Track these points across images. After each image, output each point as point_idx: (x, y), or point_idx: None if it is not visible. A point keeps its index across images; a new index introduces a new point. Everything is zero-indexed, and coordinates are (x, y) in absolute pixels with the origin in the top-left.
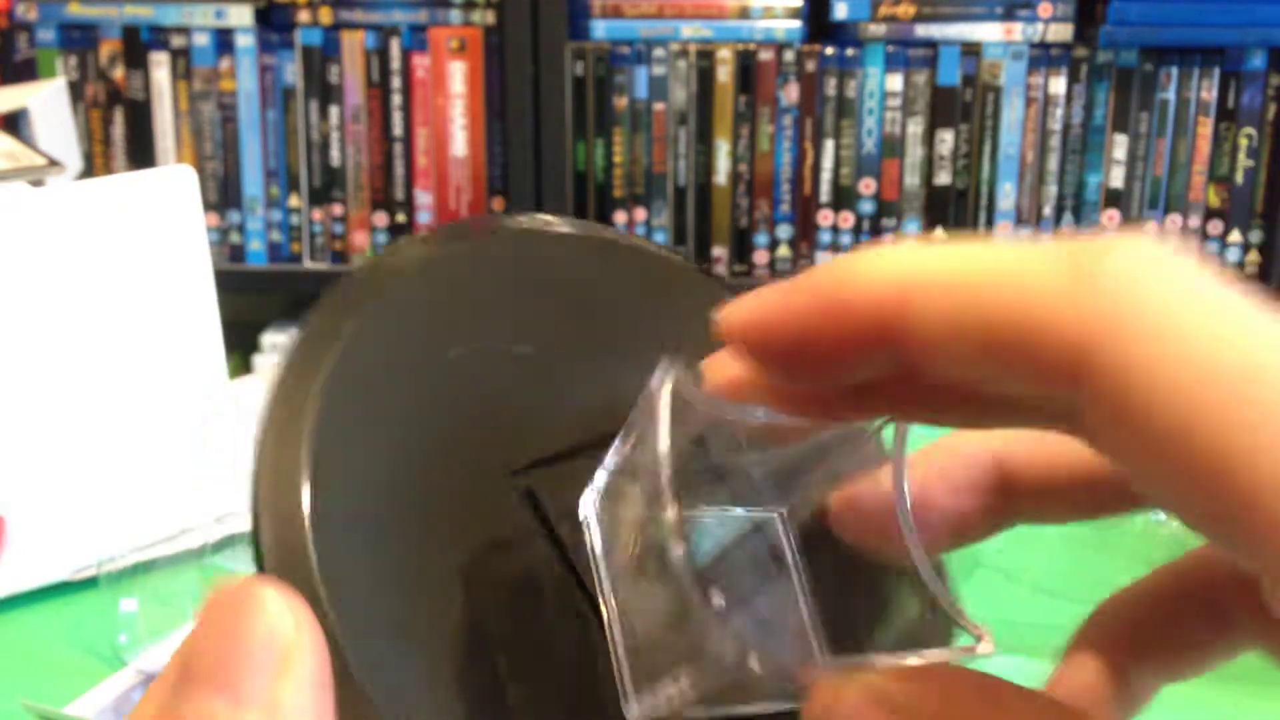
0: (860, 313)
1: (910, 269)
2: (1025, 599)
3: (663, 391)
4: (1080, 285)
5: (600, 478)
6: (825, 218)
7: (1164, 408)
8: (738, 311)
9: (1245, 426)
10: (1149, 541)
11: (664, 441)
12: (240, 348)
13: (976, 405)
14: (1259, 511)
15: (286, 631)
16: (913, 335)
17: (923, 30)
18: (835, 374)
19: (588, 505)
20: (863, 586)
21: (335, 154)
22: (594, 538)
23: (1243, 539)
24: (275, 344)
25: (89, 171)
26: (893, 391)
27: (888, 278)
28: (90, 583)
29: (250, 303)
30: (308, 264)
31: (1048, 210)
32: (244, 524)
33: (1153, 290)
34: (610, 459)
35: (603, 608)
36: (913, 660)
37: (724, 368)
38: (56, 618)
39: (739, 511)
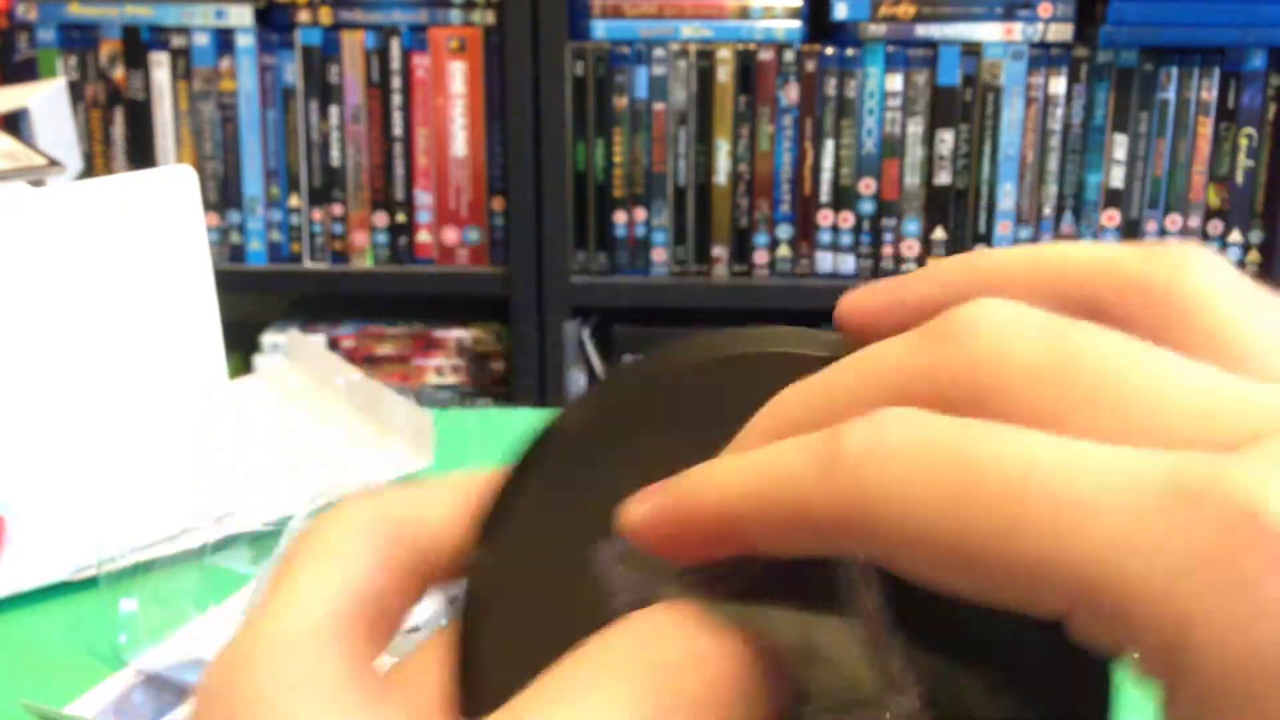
0: (710, 536)
1: (733, 491)
2: None
3: None
4: (828, 478)
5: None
6: (825, 218)
7: (933, 545)
8: (629, 516)
9: (1024, 528)
10: None
11: None
12: (240, 348)
13: None
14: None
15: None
16: (754, 543)
17: (923, 30)
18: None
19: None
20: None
21: (335, 154)
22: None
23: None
24: (275, 344)
25: (89, 171)
26: None
27: (721, 504)
28: (90, 583)
29: (250, 303)
30: (308, 264)
31: (1048, 210)
32: (243, 524)
33: (887, 468)
34: None
35: None
36: None
37: None
38: (56, 618)
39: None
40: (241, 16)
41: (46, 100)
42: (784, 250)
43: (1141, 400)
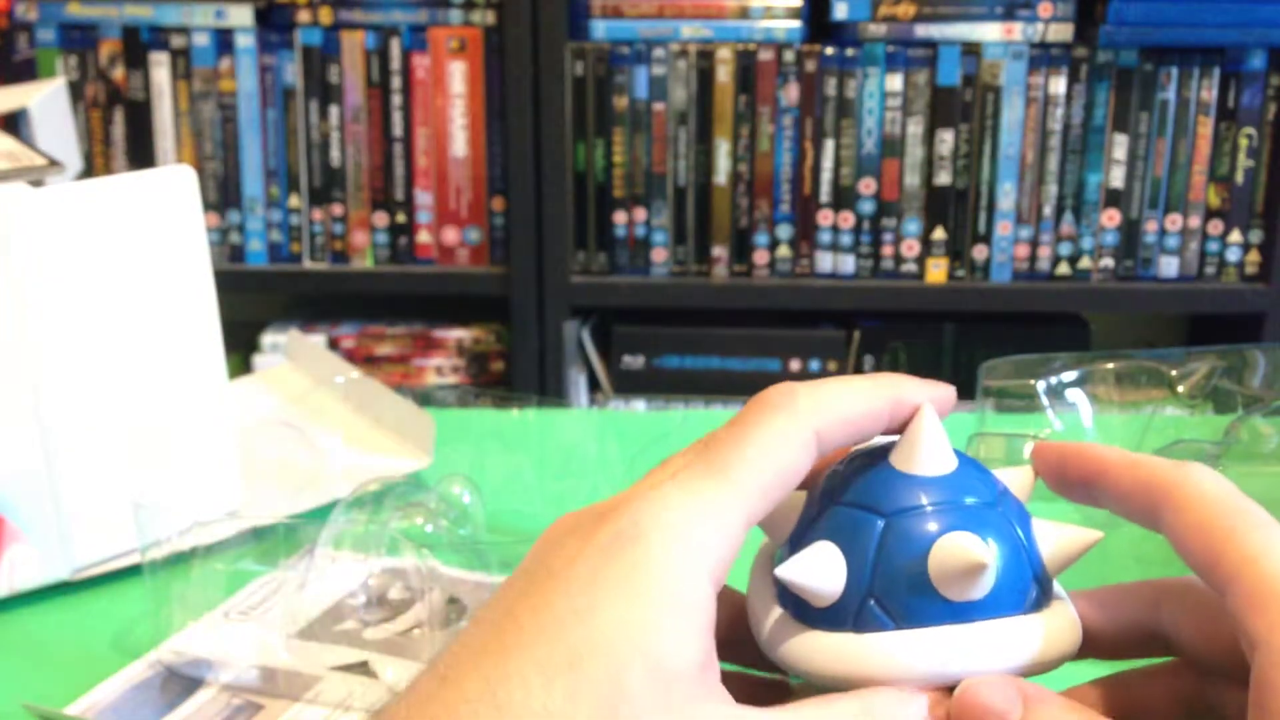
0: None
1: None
2: None
3: None
4: None
5: None
6: (825, 218)
7: None
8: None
9: None
10: (1149, 542)
11: None
12: (240, 348)
13: None
14: None
15: None
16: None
17: (923, 30)
18: None
19: None
20: None
21: (335, 154)
22: None
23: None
24: (275, 344)
25: (89, 171)
26: None
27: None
28: (90, 583)
29: (250, 303)
30: (308, 264)
31: (1048, 210)
32: (244, 523)
33: None
34: None
35: None
36: None
37: None
38: (56, 618)
39: None
40: (241, 16)
41: (46, 100)
42: (784, 250)
43: None
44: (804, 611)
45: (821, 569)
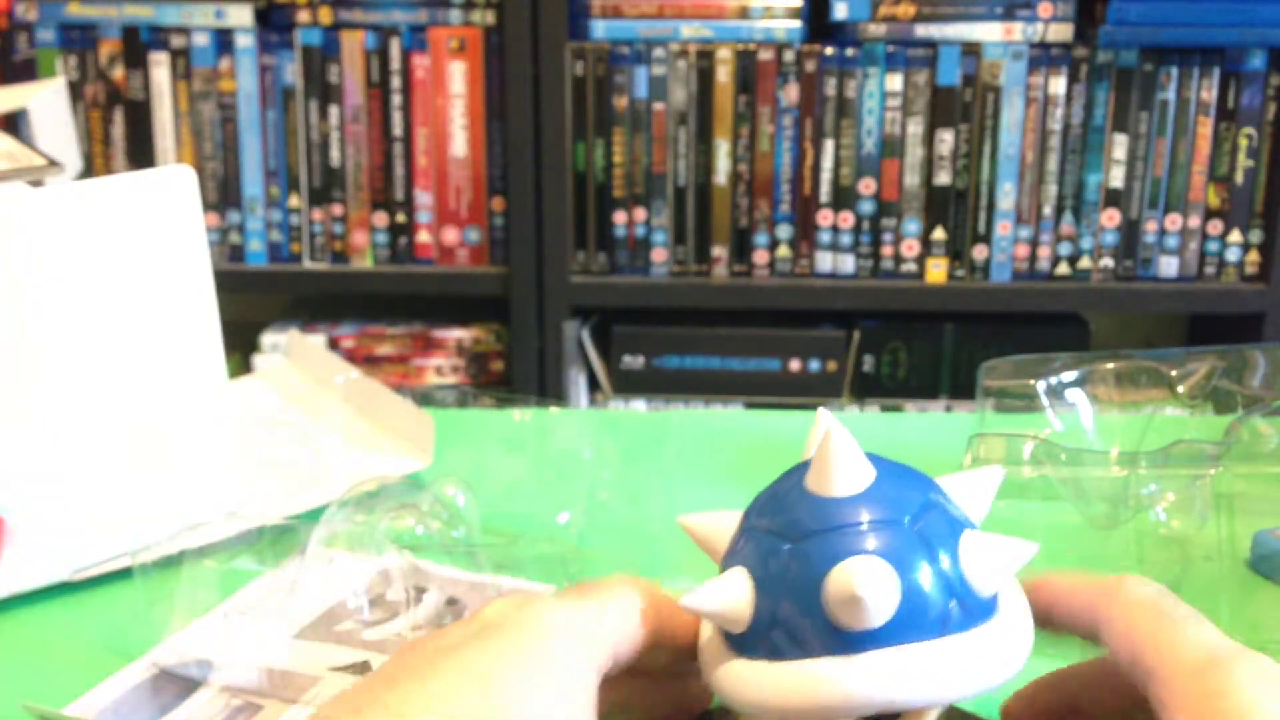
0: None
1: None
2: None
3: None
4: None
5: None
6: (825, 218)
7: None
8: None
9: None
10: (1148, 542)
11: None
12: (240, 348)
13: None
14: None
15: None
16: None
17: (923, 30)
18: None
19: None
20: None
21: (335, 154)
22: None
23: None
24: (275, 344)
25: (89, 171)
26: None
27: None
28: (90, 583)
29: (250, 303)
30: (308, 264)
31: (1048, 210)
32: (244, 523)
33: None
34: None
35: None
36: None
37: None
38: (56, 618)
39: None
40: (241, 16)
41: (46, 100)
42: (784, 250)
43: None
44: (731, 638)
45: (723, 596)
